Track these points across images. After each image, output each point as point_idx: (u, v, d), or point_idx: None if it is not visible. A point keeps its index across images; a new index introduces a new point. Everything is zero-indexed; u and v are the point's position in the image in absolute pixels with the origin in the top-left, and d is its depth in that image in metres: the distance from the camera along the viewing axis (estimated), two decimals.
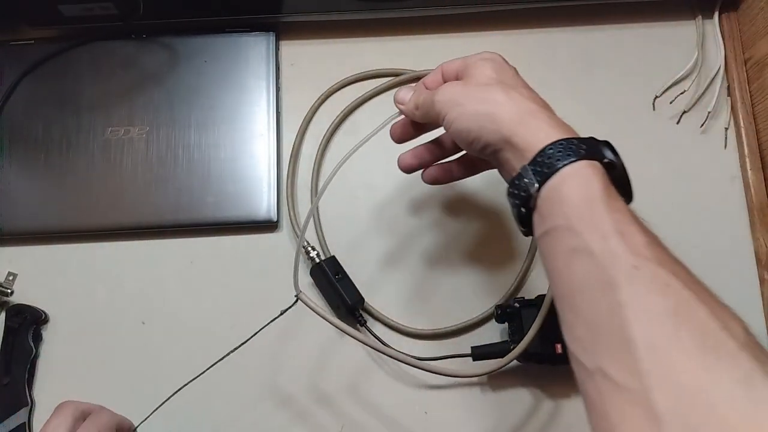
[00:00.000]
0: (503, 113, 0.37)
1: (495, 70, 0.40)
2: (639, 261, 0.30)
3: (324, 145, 0.58)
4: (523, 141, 0.36)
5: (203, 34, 0.60)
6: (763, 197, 0.57)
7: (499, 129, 0.37)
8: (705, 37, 0.61)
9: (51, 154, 0.57)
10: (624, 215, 0.33)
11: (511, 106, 0.37)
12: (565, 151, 0.34)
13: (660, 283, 0.29)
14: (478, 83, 0.39)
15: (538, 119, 0.36)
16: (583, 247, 0.31)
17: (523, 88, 0.39)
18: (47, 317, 0.54)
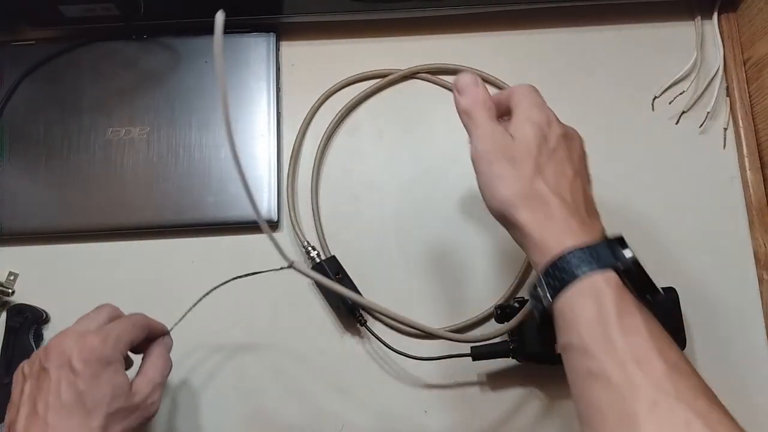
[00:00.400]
0: (512, 200, 0.36)
1: (537, 136, 0.37)
2: (659, 394, 0.30)
3: (324, 144, 0.59)
4: (539, 239, 0.34)
5: (204, 35, 0.60)
6: (762, 197, 0.57)
7: (502, 210, 0.36)
8: (704, 37, 0.61)
9: (52, 155, 0.57)
10: (641, 337, 0.32)
11: (527, 199, 0.35)
12: (578, 262, 0.33)
13: (680, 421, 0.29)
14: (509, 147, 0.37)
15: (553, 220, 0.35)
16: (601, 372, 0.31)
17: (557, 166, 0.36)
18: (48, 317, 0.54)
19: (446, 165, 0.59)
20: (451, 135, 0.60)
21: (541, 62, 0.61)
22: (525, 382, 0.52)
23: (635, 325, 0.32)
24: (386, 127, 0.60)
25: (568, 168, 0.37)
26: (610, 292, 0.32)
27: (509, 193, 0.36)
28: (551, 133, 0.37)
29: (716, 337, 0.54)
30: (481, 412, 0.52)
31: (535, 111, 0.38)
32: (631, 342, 0.31)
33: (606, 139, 0.59)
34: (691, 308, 0.54)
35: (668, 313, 0.51)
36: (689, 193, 0.58)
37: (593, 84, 0.61)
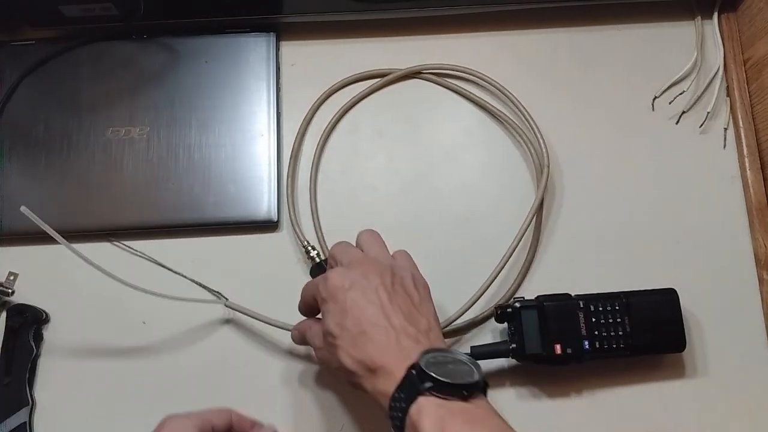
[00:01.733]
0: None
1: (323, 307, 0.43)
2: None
3: (323, 144, 0.59)
4: (372, 389, 0.40)
5: (204, 35, 0.60)
6: (762, 197, 0.57)
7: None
8: (704, 37, 0.61)
9: (52, 155, 0.57)
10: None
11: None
12: (397, 401, 0.38)
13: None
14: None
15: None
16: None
17: (346, 317, 0.41)
18: (48, 317, 0.54)
19: (446, 165, 0.59)
20: (451, 135, 0.60)
21: (541, 62, 0.61)
22: (525, 381, 0.52)
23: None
24: (386, 127, 0.60)
25: (370, 313, 0.41)
26: (427, 420, 0.36)
27: (347, 378, 0.42)
28: (341, 298, 0.42)
29: (716, 337, 0.54)
30: None
31: (324, 288, 0.43)
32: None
33: (606, 139, 0.59)
34: (691, 308, 0.54)
35: (668, 314, 0.51)
36: (689, 193, 0.58)
37: (593, 84, 0.61)
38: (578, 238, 0.56)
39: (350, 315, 0.41)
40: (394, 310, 0.41)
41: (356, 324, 0.41)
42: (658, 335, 0.50)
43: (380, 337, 0.40)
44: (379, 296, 0.41)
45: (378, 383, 0.39)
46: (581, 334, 0.49)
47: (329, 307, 0.42)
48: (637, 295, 0.51)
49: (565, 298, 0.50)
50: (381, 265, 0.44)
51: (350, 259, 0.45)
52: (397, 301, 0.42)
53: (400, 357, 0.39)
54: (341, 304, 0.41)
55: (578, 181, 0.58)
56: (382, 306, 0.41)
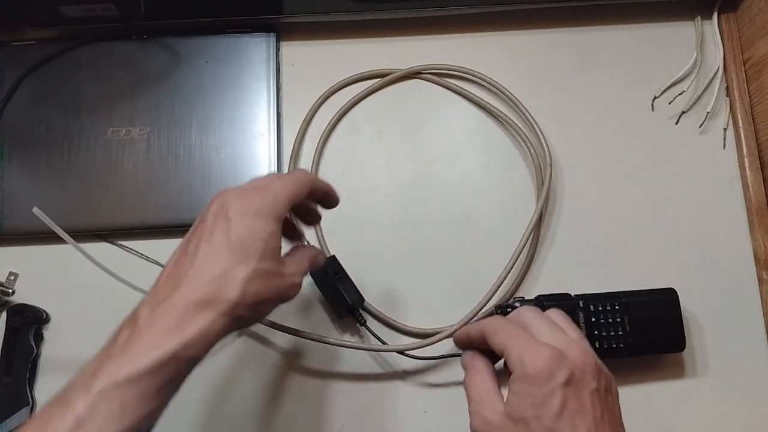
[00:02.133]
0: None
1: (531, 404, 0.33)
2: None
3: (323, 144, 0.59)
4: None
5: (204, 35, 0.60)
6: (762, 197, 0.57)
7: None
8: (704, 37, 0.61)
9: (52, 155, 0.57)
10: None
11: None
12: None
13: None
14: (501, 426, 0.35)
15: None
16: None
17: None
18: (48, 317, 0.54)
19: (446, 165, 0.59)
20: (451, 134, 0.60)
21: (541, 62, 0.61)
22: None
23: None
24: (386, 127, 0.60)
25: (581, 426, 0.33)
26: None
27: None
28: (553, 389, 0.33)
29: (716, 337, 0.54)
30: None
31: (530, 364, 0.34)
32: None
33: (606, 139, 0.59)
34: (691, 308, 0.54)
35: (667, 313, 0.51)
36: (689, 193, 0.58)
37: (593, 84, 0.61)
38: (578, 237, 0.56)
39: (560, 417, 0.33)
40: (605, 427, 0.34)
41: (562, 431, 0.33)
42: (658, 335, 0.51)
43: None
44: (593, 405, 0.34)
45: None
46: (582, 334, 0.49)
47: (531, 390, 0.33)
48: (637, 294, 0.51)
49: (565, 298, 0.51)
50: (595, 363, 0.35)
51: (560, 342, 0.35)
52: (608, 415, 0.34)
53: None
54: (551, 399, 0.33)
55: (578, 181, 0.58)
56: (596, 420, 0.33)
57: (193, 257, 0.36)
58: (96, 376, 0.32)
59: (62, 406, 0.32)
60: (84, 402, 0.31)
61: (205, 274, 0.35)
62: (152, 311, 0.35)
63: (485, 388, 0.37)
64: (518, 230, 0.55)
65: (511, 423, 0.34)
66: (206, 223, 0.36)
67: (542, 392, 0.33)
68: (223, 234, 0.36)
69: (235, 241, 0.35)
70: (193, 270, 0.35)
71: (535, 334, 0.36)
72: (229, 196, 0.37)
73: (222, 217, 0.36)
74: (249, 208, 0.36)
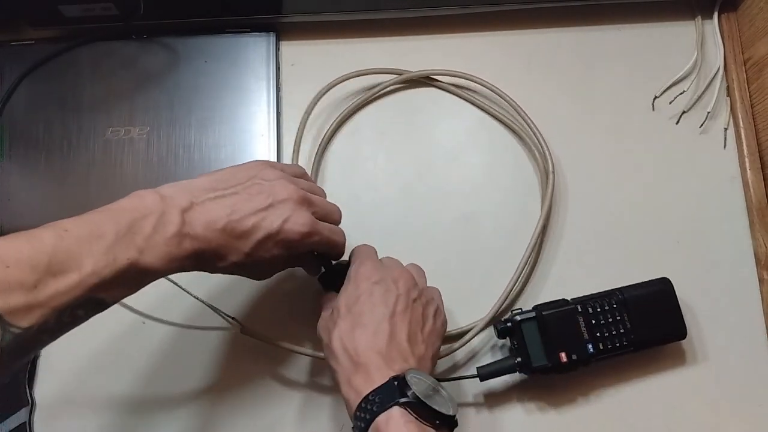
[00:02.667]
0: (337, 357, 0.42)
1: (345, 297, 0.44)
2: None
3: (324, 145, 0.58)
4: (346, 390, 0.41)
5: (204, 35, 0.60)
6: (762, 197, 0.57)
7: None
8: (704, 37, 0.61)
9: (51, 155, 0.57)
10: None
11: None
12: (370, 404, 0.38)
13: None
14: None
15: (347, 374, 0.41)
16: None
17: (360, 318, 0.42)
18: None
19: (447, 165, 0.59)
20: (452, 135, 0.60)
21: (541, 62, 0.61)
22: (531, 394, 0.52)
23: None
24: (387, 128, 0.60)
25: (379, 313, 0.42)
26: (395, 427, 0.37)
27: (327, 360, 0.43)
28: (366, 287, 0.44)
29: (716, 337, 0.54)
30: (484, 418, 0.52)
31: (356, 271, 0.45)
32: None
33: (606, 139, 0.59)
34: (692, 308, 0.54)
35: (665, 303, 0.51)
36: (689, 193, 0.58)
37: (593, 84, 0.60)
38: (578, 238, 0.56)
39: (361, 304, 0.42)
40: (400, 321, 0.42)
41: (361, 314, 0.42)
42: (659, 325, 0.51)
43: (375, 338, 0.41)
44: (395, 303, 0.43)
45: (354, 379, 0.40)
46: (584, 337, 0.49)
47: (348, 288, 0.44)
48: (632, 289, 0.51)
49: (563, 304, 0.50)
50: (413, 282, 0.45)
51: (391, 263, 0.47)
52: (408, 317, 0.43)
53: (384, 365, 0.39)
54: (359, 291, 0.43)
55: (578, 182, 0.58)
56: (393, 313, 0.42)
57: (231, 206, 0.40)
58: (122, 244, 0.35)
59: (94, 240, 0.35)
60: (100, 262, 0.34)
61: (223, 232, 0.39)
62: (182, 224, 0.38)
63: (328, 298, 0.47)
64: (520, 231, 0.55)
65: (331, 315, 0.44)
66: (262, 195, 0.42)
67: (356, 289, 0.44)
68: (263, 220, 0.41)
69: (266, 234, 0.41)
70: (224, 215, 0.40)
71: (377, 258, 0.47)
72: (298, 209, 0.42)
73: (277, 212, 0.42)
74: (294, 229, 0.42)
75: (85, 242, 0.34)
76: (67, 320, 0.34)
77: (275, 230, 0.41)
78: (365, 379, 0.39)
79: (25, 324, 0.31)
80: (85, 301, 0.34)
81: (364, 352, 0.40)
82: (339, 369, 0.41)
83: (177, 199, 0.38)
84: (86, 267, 0.33)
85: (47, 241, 0.33)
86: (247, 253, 0.40)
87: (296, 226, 0.42)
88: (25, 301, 0.31)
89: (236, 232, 0.40)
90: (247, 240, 0.40)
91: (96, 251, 0.34)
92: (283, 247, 0.42)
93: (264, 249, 0.41)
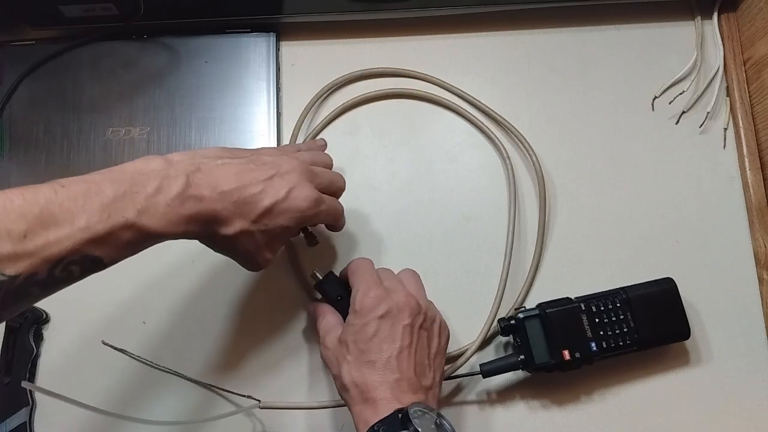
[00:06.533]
0: (339, 390, 0.45)
1: (350, 332, 0.44)
2: None
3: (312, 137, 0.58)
4: (358, 420, 0.42)
5: (204, 35, 0.60)
6: (762, 197, 0.57)
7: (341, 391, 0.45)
8: (704, 37, 0.61)
9: (52, 155, 0.57)
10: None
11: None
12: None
13: None
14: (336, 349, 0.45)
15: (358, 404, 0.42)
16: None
17: (371, 355, 0.42)
18: (48, 317, 0.54)
19: (447, 165, 0.59)
20: (452, 135, 0.60)
21: (541, 62, 0.61)
22: (534, 392, 0.52)
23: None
24: (387, 128, 0.60)
25: (386, 349, 0.43)
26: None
27: (338, 389, 0.45)
28: (371, 320, 0.44)
29: (716, 337, 0.54)
30: (487, 417, 0.52)
31: (359, 301, 0.45)
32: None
33: (606, 139, 0.59)
34: (691, 308, 0.54)
35: (668, 302, 0.51)
36: (689, 193, 0.58)
37: (593, 84, 0.61)
38: (578, 238, 0.56)
39: (370, 341, 0.43)
40: (409, 356, 0.43)
41: (368, 351, 0.42)
42: (662, 325, 0.51)
43: (386, 376, 0.42)
44: (403, 336, 0.43)
45: (364, 411, 0.41)
46: (587, 336, 0.49)
47: (355, 321, 0.44)
48: (636, 288, 0.51)
49: (566, 302, 0.50)
50: (416, 305, 0.45)
51: (392, 285, 0.46)
52: (415, 349, 0.43)
53: (393, 397, 0.41)
54: (367, 327, 0.43)
55: (578, 182, 0.58)
56: (401, 349, 0.42)
57: (239, 179, 0.40)
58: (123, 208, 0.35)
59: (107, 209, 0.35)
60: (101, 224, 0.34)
61: (231, 201, 0.39)
62: (186, 187, 0.37)
63: (329, 324, 0.47)
64: (521, 231, 0.55)
65: (339, 346, 0.44)
66: (269, 170, 0.42)
67: (361, 322, 0.43)
68: (267, 196, 0.41)
69: (268, 206, 0.41)
70: (230, 186, 0.39)
71: (378, 280, 0.46)
72: (301, 181, 0.43)
73: (281, 187, 0.42)
74: (298, 203, 0.42)
75: (81, 198, 0.33)
76: (60, 275, 0.33)
77: (281, 198, 0.41)
78: (373, 412, 0.40)
79: (11, 272, 0.31)
80: (80, 258, 0.34)
81: (375, 389, 0.41)
82: (350, 400, 0.43)
83: (183, 163, 0.38)
84: (79, 222, 0.33)
85: (42, 194, 0.33)
86: (254, 220, 0.40)
87: (301, 195, 0.42)
88: (12, 249, 0.31)
89: (243, 197, 0.40)
90: (254, 207, 0.40)
91: (90, 207, 0.33)
92: (288, 217, 0.42)
93: (269, 217, 0.41)
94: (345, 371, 0.43)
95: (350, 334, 0.44)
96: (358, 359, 0.43)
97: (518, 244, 0.56)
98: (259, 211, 0.40)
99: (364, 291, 0.45)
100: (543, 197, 0.56)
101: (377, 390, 0.41)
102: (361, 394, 0.42)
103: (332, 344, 0.45)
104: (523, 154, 0.58)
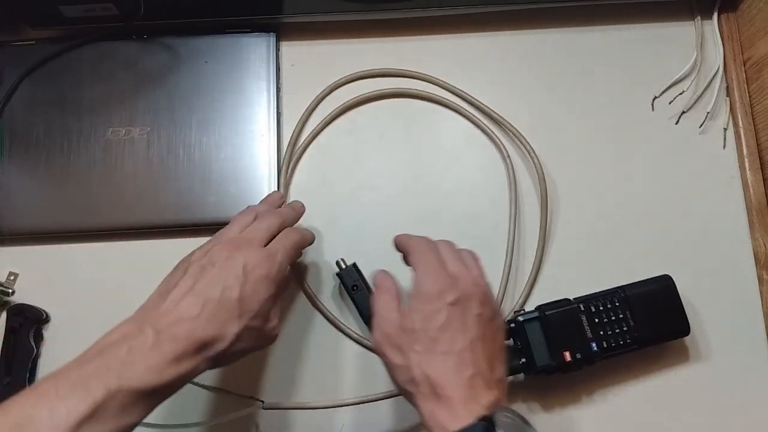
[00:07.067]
0: (406, 387, 0.40)
1: (422, 318, 0.40)
2: None
3: (312, 138, 0.59)
4: (429, 424, 0.38)
5: (204, 35, 0.60)
6: (762, 197, 0.57)
7: (403, 392, 0.41)
8: (704, 37, 0.61)
9: (52, 155, 0.57)
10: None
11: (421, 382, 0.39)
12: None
13: None
14: (398, 335, 0.41)
15: (440, 403, 0.38)
16: None
17: (445, 344, 0.39)
18: (48, 317, 0.54)
19: (447, 165, 0.59)
20: (452, 135, 0.60)
21: (541, 62, 0.61)
22: (535, 394, 0.52)
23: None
24: (386, 129, 0.60)
25: (460, 340, 0.39)
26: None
27: (401, 381, 0.40)
28: (441, 307, 0.40)
29: (717, 337, 0.54)
30: None
31: (426, 285, 0.41)
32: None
33: (606, 139, 0.59)
34: (691, 308, 0.54)
35: (667, 300, 0.51)
36: (689, 193, 0.58)
37: (593, 84, 0.61)
38: (578, 238, 0.56)
39: (439, 328, 0.39)
40: (481, 347, 0.39)
41: (440, 340, 0.39)
42: (662, 323, 0.51)
43: (460, 371, 0.38)
44: (474, 326, 0.40)
45: (437, 410, 0.37)
46: (587, 336, 0.49)
47: (421, 306, 0.41)
48: (634, 287, 0.51)
49: (566, 304, 0.50)
50: (485, 293, 0.42)
51: (458, 270, 0.42)
52: (487, 338, 0.40)
53: (469, 396, 0.37)
54: (437, 314, 0.40)
55: (577, 182, 0.58)
56: (473, 339, 0.39)
57: (199, 296, 0.39)
58: (104, 374, 0.35)
59: (78, 389, 0.34)
60: (102, 393, 0.33)
61: (206, 320, 0.39)
62: (157, 335, 0.37)
63: (389, 305, 0.42)
64: (520, 231, 0.55)
65: (403, 333, 0.40)
66: (215, 271, 0.41)
67: (431, 308, 0.40)
68: (231, 290, 0.40)
69: (240, 299, 0.40)
70: (197, 311, 0.39)
71: (442, 261, 0.43)
72: (244, 252, 0.41)
73: (228, 270, 0.40)
74: (260, 272, 0.41)
75: (52, 390, 0.33)
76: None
77: (243, 280, 0.40)
78: (450, 414, 0.37)
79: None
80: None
81: (448, 384, 0.38)
82: (418, 395, 0.39)
83: (143, 322, 0.38)
84: (59, 410, 0.32)
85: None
86: (238, 316, 0.40)
87: (256, 263, 0.41)
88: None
89: (212, 310, 0.39)
90: (229, 305, 0.39)
91: (64, 392, 0.33)
92: (263, 289, 0.41)
93: (248, 303, 0.40)
94: (414, 362, 0.39)
95: (417, 321, 0.40)
96: (430, 349, 0.39)
97: (519, 244, 0.56)
98: (236, 306, 0.40)
99: (429, 274, 0.41)
100: (544, 197, 0.56)
101: (451, 387, 0.37)
102: (432, 390, 0.38)
103: (393, 331, 0.41)
104: (523, 154, 0.58)
